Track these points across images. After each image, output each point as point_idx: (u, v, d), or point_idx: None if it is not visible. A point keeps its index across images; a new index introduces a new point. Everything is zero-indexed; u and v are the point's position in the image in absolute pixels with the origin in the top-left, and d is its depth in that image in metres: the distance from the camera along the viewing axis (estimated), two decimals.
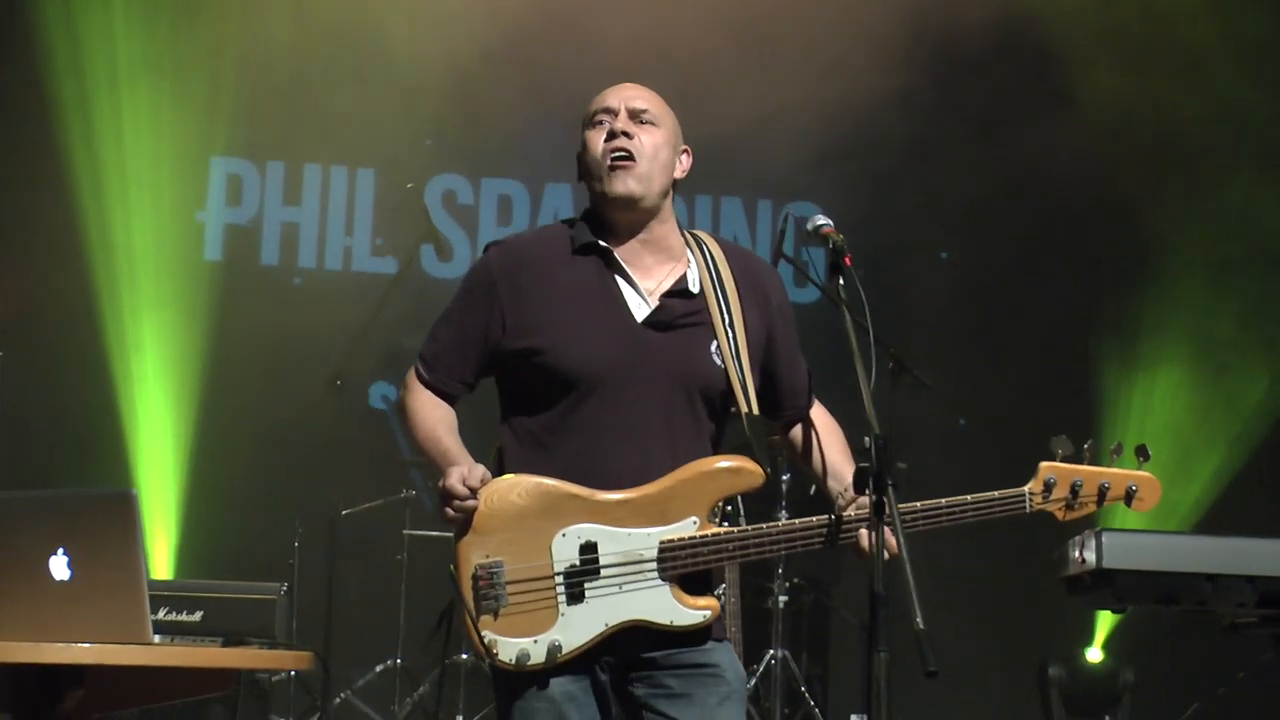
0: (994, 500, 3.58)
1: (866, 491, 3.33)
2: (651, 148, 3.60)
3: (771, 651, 7.53)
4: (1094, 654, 8.16)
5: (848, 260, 3.52)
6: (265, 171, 9.02)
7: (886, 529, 3.30)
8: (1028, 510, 3.61)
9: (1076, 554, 4.68)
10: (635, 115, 3.61)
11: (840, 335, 3.44)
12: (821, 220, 3.59)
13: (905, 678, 3.58)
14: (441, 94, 8.46)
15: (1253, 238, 8.72)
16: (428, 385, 3.66)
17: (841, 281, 3.52)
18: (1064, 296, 9.02)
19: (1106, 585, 4.63)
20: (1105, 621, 8.37)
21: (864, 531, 3.44)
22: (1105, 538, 4.60)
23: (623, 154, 3.58)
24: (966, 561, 8.42)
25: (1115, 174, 8.84)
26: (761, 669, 7.50)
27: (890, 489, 3.28)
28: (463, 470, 3.44)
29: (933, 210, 9.08)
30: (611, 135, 3.59)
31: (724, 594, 5.99)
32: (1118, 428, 8.63)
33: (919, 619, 3.08)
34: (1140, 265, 8.94)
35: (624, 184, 3.58)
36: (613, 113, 3.62)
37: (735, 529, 3.50)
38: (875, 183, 8.71)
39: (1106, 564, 4.58)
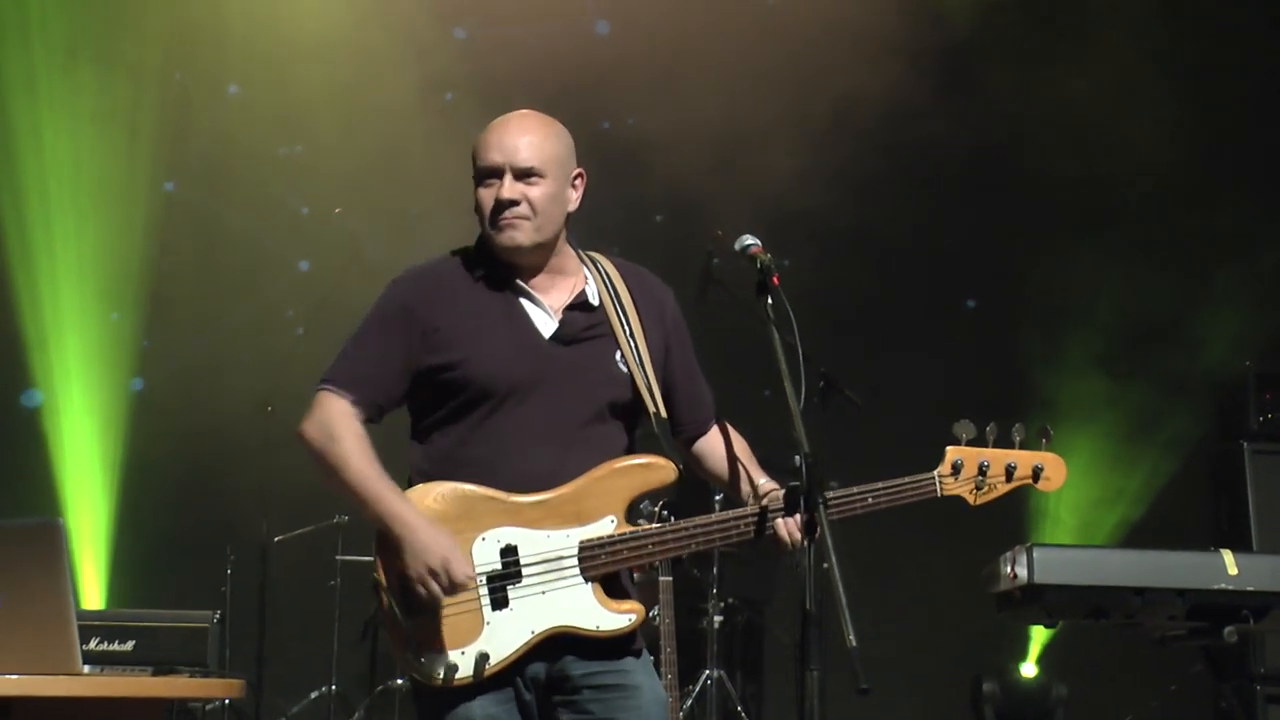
0: (905, 485, 3.61)
1: (798, 512, 3.36)
2: (541, 203, 3.55)
3: (707, 672, 7.50)
4: (1028, 669, 8.19)
5: (775, 280, 3.54)
6: None
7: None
8: (939, 494, 3.64)
9: (1008, 569, 4.70)
10: (522, 175, 3.55)
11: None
12: (749, 240, 3.62)
13: (839, 695, 3.59)
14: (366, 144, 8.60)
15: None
16: (354, 403, 3.52)
17: (770, 301, 3.53)
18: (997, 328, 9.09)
19: (1036, 600, 4.66)
20: (1039, 636, 8.40)
21: (779, 522, 3.49)
22: (1036, 552, 4.63)
23: (511, 219, 3.55)
24: (899, 577, 8.45)
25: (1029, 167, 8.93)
26: (697, 690, 7.47)
27: (821, 508, 3.29)
28: (467, 569, 3.37)
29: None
30: (499, 206, 3.55)
31: (658, 615, 6.02)
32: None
33: (851, 636, 3.10)
34: (1064, 289, 9.01)
35: (512, 238, 3.56)
36: (498, 173, 3.56)
37: (654, 526, 3.52)
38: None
39: (1038, 579, 4.61)
